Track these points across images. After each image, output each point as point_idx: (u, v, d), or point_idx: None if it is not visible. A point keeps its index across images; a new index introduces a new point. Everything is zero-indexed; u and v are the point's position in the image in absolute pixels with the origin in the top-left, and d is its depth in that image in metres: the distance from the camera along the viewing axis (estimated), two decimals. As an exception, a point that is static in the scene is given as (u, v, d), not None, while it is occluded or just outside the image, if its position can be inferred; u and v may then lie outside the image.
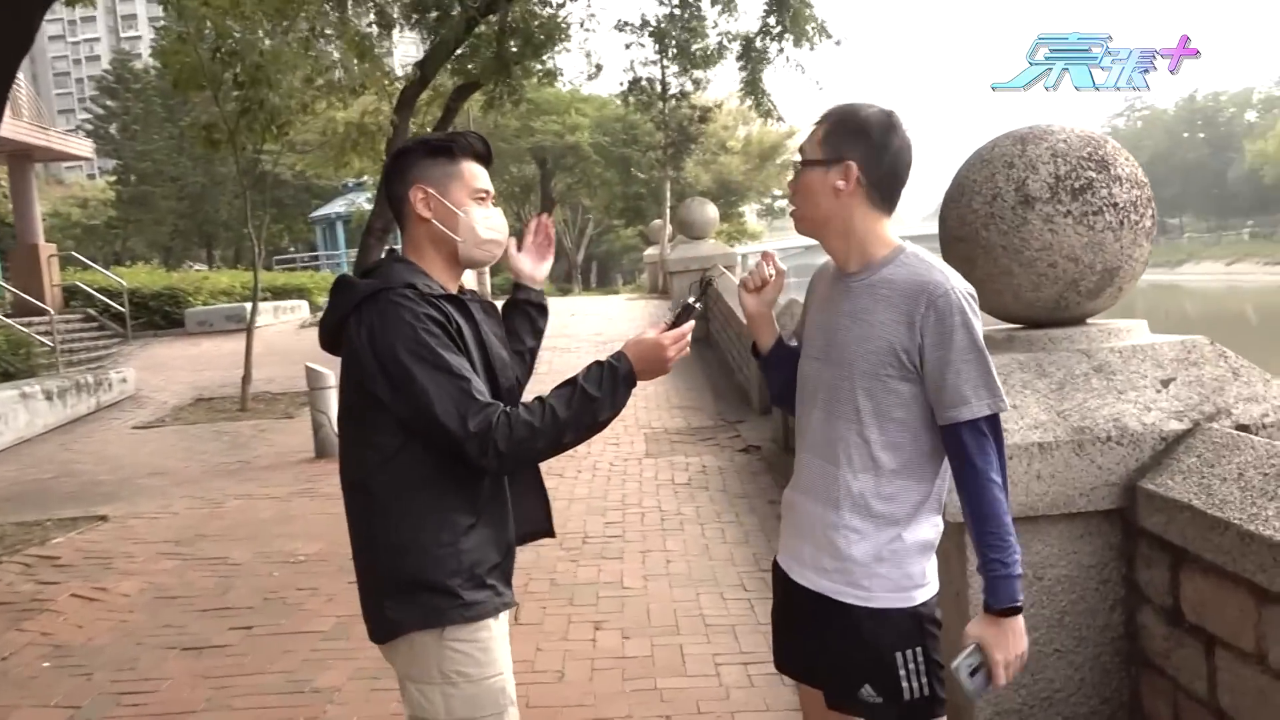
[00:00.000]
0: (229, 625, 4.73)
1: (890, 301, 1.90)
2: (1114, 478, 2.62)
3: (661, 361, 2.01)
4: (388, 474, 1.92)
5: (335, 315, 1.98)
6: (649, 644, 4.28)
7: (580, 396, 1.92)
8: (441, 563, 1.91)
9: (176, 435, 10.78)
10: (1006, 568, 1.85)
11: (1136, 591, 2.67)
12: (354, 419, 1.97)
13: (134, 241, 46.51)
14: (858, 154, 1.92)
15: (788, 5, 14.30)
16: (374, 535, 1.96)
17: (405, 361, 1.84)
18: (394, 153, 2.13)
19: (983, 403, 1.85)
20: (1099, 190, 2.80)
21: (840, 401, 1.97)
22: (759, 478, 7.32)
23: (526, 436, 1.86)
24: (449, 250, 2.05)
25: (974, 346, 1.85)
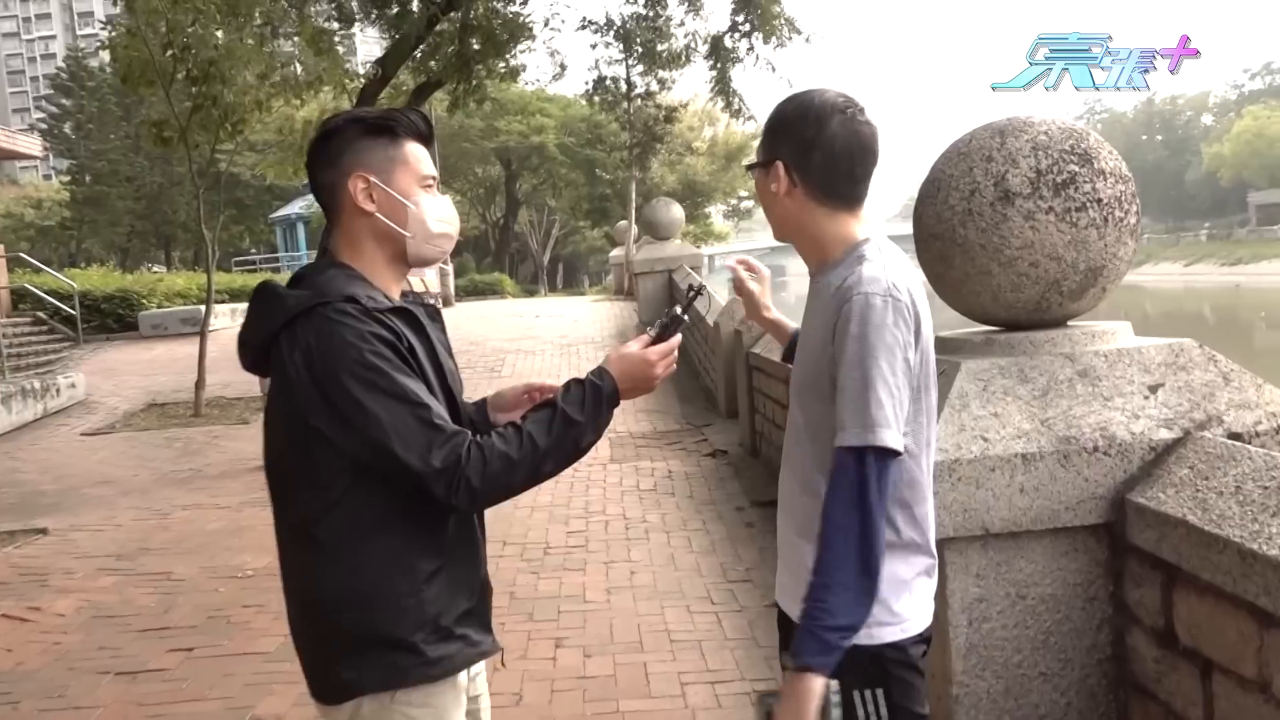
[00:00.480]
0: (168, 647, 4.48)
1: (824, 308, 1.73)
2: (1101, 490, 2.47)
3: (648, 379, 1.79)
4: (336, 518, 1.64)
5: (260, 333, 1.67)
6: (611, 662, 4.09)
7: (561, 421, 1.67)
8: (403, 615, 1.65)
9: (126, 442, 10.43)
10: (812, 620, 1.60)
11: (1125, 611, 2.51)
12: (291, 455, 1.67)
13: (90, 243, 45.67)
14: (785, 151, 1.77)
15: (755, 3, 14.16)
16: (322, 588, 1.66)
17: (352, 389, 1.56)
18: (322, 131, 1.77)
19: (849, 431, 1.61)
20: (1082, 185, 2.64)
21: (792, 415, 1.84)
22: (726, 484, 7.15)
23: (502, 470, 1.61)
24: (395, 248, 1.75)
25: (859, 362, 1.61)
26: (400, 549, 1.66)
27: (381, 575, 1.65)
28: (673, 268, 14.55)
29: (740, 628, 4.37)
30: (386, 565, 1.65)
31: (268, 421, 1.72)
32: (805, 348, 1.81)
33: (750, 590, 4.85)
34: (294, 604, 1.74)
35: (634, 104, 21.63)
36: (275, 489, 1.74)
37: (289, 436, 1.65)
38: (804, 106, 1.76)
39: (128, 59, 11.08)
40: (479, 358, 13.52)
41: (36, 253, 36.68)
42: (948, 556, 2.50)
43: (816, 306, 1.79)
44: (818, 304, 1.78)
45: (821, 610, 1.59)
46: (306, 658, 1.74)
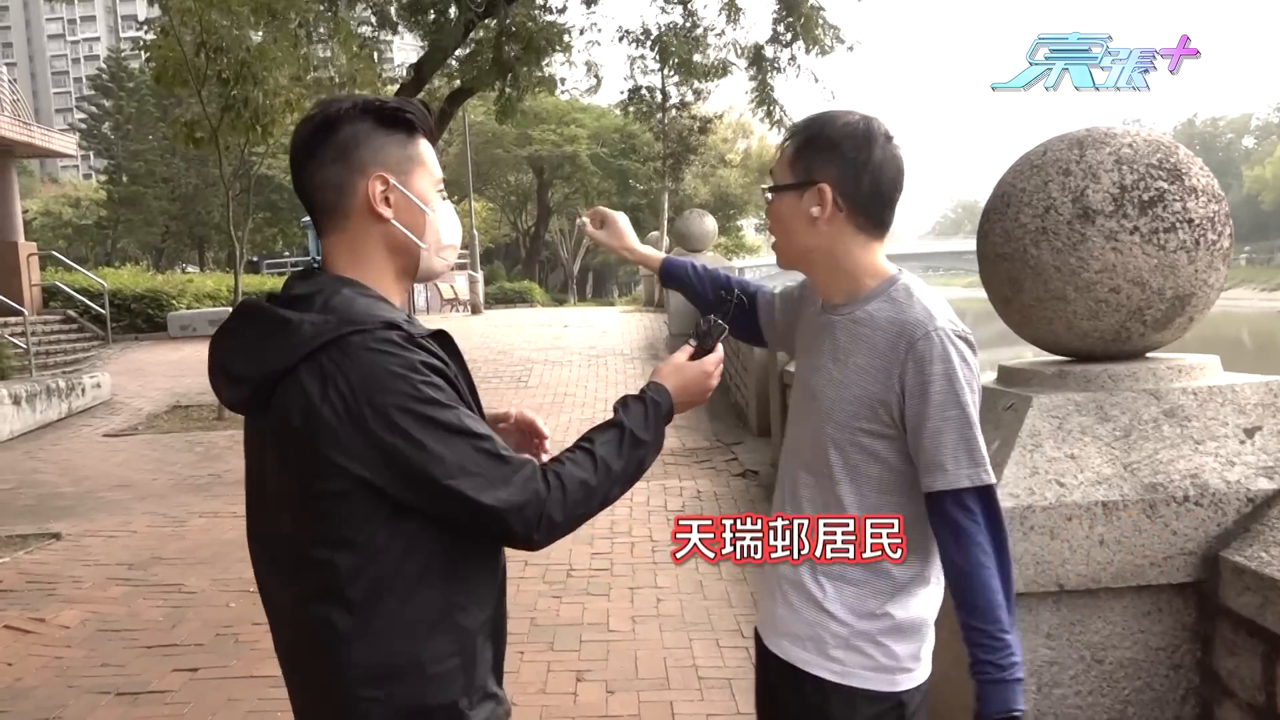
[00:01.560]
0: (173, 666, 4.28)
1: (871, 344, 1.62)
2: (1192, 545, 2.21)
3: (704, 392, 1.68)
4: (372, 575, 1.38)
5: (263, 366, 1.38)
6: (635, 700, 3.85)
7: (630, 442, 1.53)
8: (448, 679, 1.43)
9: (147, 445, 10.32)
10: (1002, 670, 1.54)
11: (1215, 681, 2.24)
12: (310, 514, 1.38)
13: (125, 242, 46.10)
14: (832, 174, 1.63)
15: (798, 11, 13.89)
16: (353, 659, 1.39)
17: (410, 429, 1.33)
18: (321, 118, 1.49)
19: (961, 472, 1.56)
20: (1171, 204, 2.39)
21: (811, 453, 1.70)
22: (758, 506, 6.89)
23: (582, 498, 1.46)
24: (407, 261, 1.53)
25: (955, 401, 1.57)
26: (443, 604, 1.43)
27: (424, 635, 1.42)
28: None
29: (772, 666, 4.11)
30: (429, 623, 1.42)
31: (262, 480, 1.44)
32: (838, 384, 1.67)
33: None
34: (311, 686, 1.46)
35: (668, 114, 21.45)
36: (279, 558, 1.45)
37: (314, 492, 1.36)
38: (851, 127, 1.65)
39: (162, 58, 11.02)
40: (505, 367, 13.35)
41: (73, 251, 37.14)
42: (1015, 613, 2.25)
43: (848, 342, 1.68)
44: (850, 339, 1.67)
45: (1008, 661, 1.54)
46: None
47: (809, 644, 1.68)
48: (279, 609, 1.49)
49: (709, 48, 16.29)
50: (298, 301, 1.43)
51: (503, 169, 41.34)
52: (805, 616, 1.68)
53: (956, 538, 1.57)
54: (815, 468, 1.70)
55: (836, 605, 1.66)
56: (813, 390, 1.72)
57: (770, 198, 1.73)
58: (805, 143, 1.67)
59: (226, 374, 1.45)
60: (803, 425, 1.75)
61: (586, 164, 37.99)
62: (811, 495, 1.70)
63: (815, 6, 14.06)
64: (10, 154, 18.12)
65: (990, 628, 1.54)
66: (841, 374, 1.66)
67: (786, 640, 1.72)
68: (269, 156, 17.09)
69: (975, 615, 1.55)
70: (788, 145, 1.71)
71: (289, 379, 1.36)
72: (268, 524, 1.47)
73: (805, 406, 1.75)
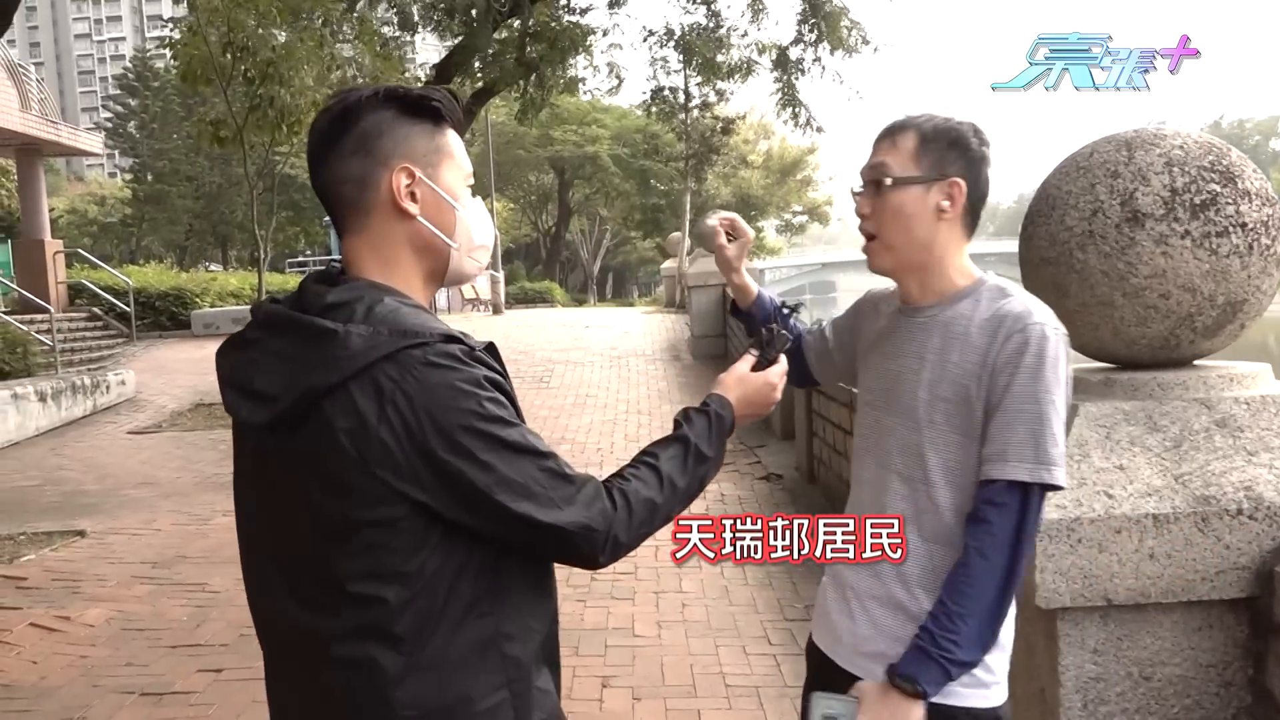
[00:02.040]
0: (197, 666, 4.27)
1: (966, 340, 1.59)
2: (1245, 560, 2.14)
3: (768, 404, 1.62)
4: (417, 609, 1.27)
5: (299, 384, 1.24)
6: (662, 708, 3.80)
7: (694, 458, 1.47)
8: (496, 715, 1.33)
9: (172, 442, 10.36)
10: (935, 646, 1.50)
11: (1269, 700, 2.17)
12: (353, 545, 1.26)
13: (149, 240, 46.47)
14: (961, 170, 1.62)
15: (823, 12, 13.83)
16: (396, 703, 1.28)
17: (475, 449, 1.24)
18: (341, 107, 1.36)
19: (1020, 465, 1.51)
20: (1224, 207, 2.32)
21: (902, 457, 1.65)
22: (782, 510, 6.82)
23: (647, 518, 1.39)
24: (436, 262, 1.41)
25: (1034, 395, 1.52)
26: (492, 633, 1.33)
27: (472, 669, 1.32)
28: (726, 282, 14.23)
29: (801, 674, 4.04)
30: (477, 655, 1.32)
31: (291, 507, 1.30)
32: (931, 383, 1.63)
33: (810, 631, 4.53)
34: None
35: (691, 115, 21.41)
36: (307, 592, 1.31)
37: (359, 520, 1.25)
38: (964, 125, 1.65)
39: (187, 57, 11.07)
40: (527, 368, 13.33)
41: (98, 248, 37.44)
42: (1061, 628, 2.20)
43: (940, 341, 1.64)
44: (943, 338, 1.63)
45: (951, 641, 1.50)
46: None
47: (903, 630, 1.61)
48: (300, 649, 1.34)
49: (732, 48, 16.26)
50: (334, 310, 1.28)
51: (524, 169, 41.41)
52: (896, 633, 1.62)
53: (981, 524, 1.53)
54: (909, 473, 1.64)
55: None
56: (899, 394, 1.67)
57: (886, 189, 1.64)
58: (929, 136, 1.64)
59: (247, 390, 1.30)
60: (890, 432, 1.69)
61: (608, 164, 37.98)
62: (902, 505, 1.65)
63: (840, 7, 13.99)
64: (37, 152, 18.29)
65: (953, 607, 1.51)
66: (936, 373, 1.62)
67: (869, 660, 1.64)
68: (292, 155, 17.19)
69: (950, 592, 1.53)
70: (901, 138, 1.66)
71: (336, 397, 1.23)
72: (294, 555, 1.33)
73: (892, 411, 1.69)
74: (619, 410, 10.54)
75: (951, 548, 1.59)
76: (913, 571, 1.62)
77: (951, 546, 1.59)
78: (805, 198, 46.91)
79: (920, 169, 1.63)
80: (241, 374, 1.32)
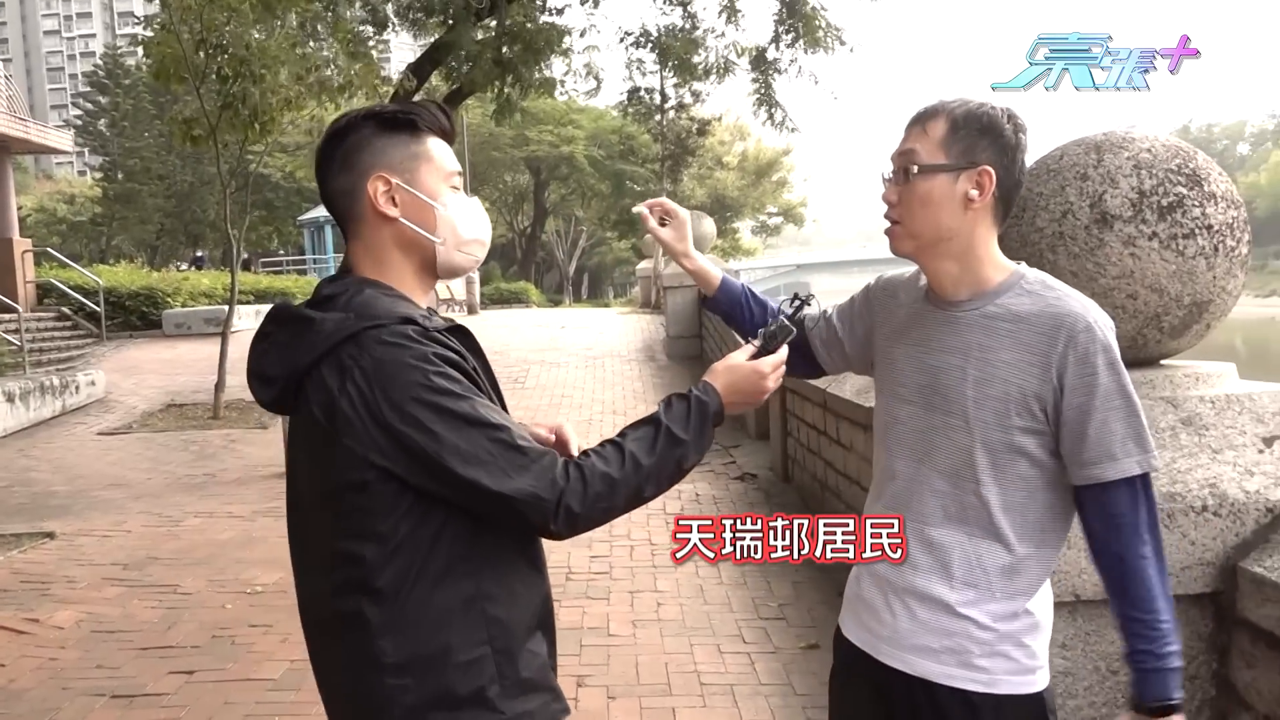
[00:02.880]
0: (169, 669, 4.23)
1: (1016, 338, 1.55)
2: (1209, 556, 2.18)
3: (759, 393, 1.63)
4: (399, 564, 1.41)
5: (289, 364, 1.44)
6: (637, 706, 3.81)
7: (665, 439, 1.49)
8: (476, 669, 1.44)
9: (142, 443, 10.25)
10: (1159, 659, 1.53)
11: (1231, 693, 2.22)
12: (338, 505, 1.42)
13: (120, 239, 45.92)
14: (993, 158, 1.58)
15: (799, 13, 13.89)
16: (377, 652, 1.43)
17: (423, 418, 1.37)
18: (332, 130, 1.55)
19: (1132, 459, 1.54)
20: (1190, 210, 2.36)
21: (949, 455, 1.62)
22: (757, 509, 6.86)
23: (604, 491, 1.43)
24: (423, 257, 1.56)
25: (1122, 391, 1.55)
26: (472, 593, 1.45)
27: (452, 624, 1.44)
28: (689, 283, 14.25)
29: (775, 672, 4.08)
30: (458, 612, 1.45)
31: (299, 472, 1.49)
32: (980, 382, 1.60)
33: (784, 629, 4.56)
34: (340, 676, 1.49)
35: (667, 116, 21.43)
36: (312, 553, 1.49)
37: (339, 484, 1.41)
38: (999, 112, 1.61)
39: (160, 55, 10.96)
40: (503, 368, 13.29)
41: (67, 247, 36.97)
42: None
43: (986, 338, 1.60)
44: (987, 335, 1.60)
45: (1167, 647, 1.53)
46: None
47: (946, 655, 1.62)
48: (310, 604, 1.51)
49: (709, 49, 16.29)
50: (324, 303, 1.49)
51: (499, 170, 41.29)
52: (940, 626, 1.62)
53: (1119, 527, 1.55)
54: (954, 471, 1.62)
55: (977, 611, 1.61)
56: (943, 391, 1.64)
57: (913, 177, 1.62)
58: (960, 123, 1.60)
59: (259, 375, 1.50)
60: (934, 429, 1.66)
61: (583, 165, 37.95)
62: (945, 502, 1.63)
63: (816, 8, 14.06)
64: (5, 150, 18.03)
65: (1148, 616, 1.52)
66: (983, 371, 1.59)
67: (913, 654, 1.65)
68: (267, 155, 17.05)
69: (1134, 605, 1.54)
70: (931, 124, 1.62)
71: (313, 375, 1.41)
72: (302, 520, 1.51)
73: (935, 408, 1.66)
74: (595, 410, 10.54)
75: (998, 543, 1.60)
76: (958, 568, 1.62)
77: (998, 541, 1.60)
78: (780, 199, 47.08)
79: (949, 156, 1.59)
80: (257, 362, 1.51)
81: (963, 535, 1.61)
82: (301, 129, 14.64)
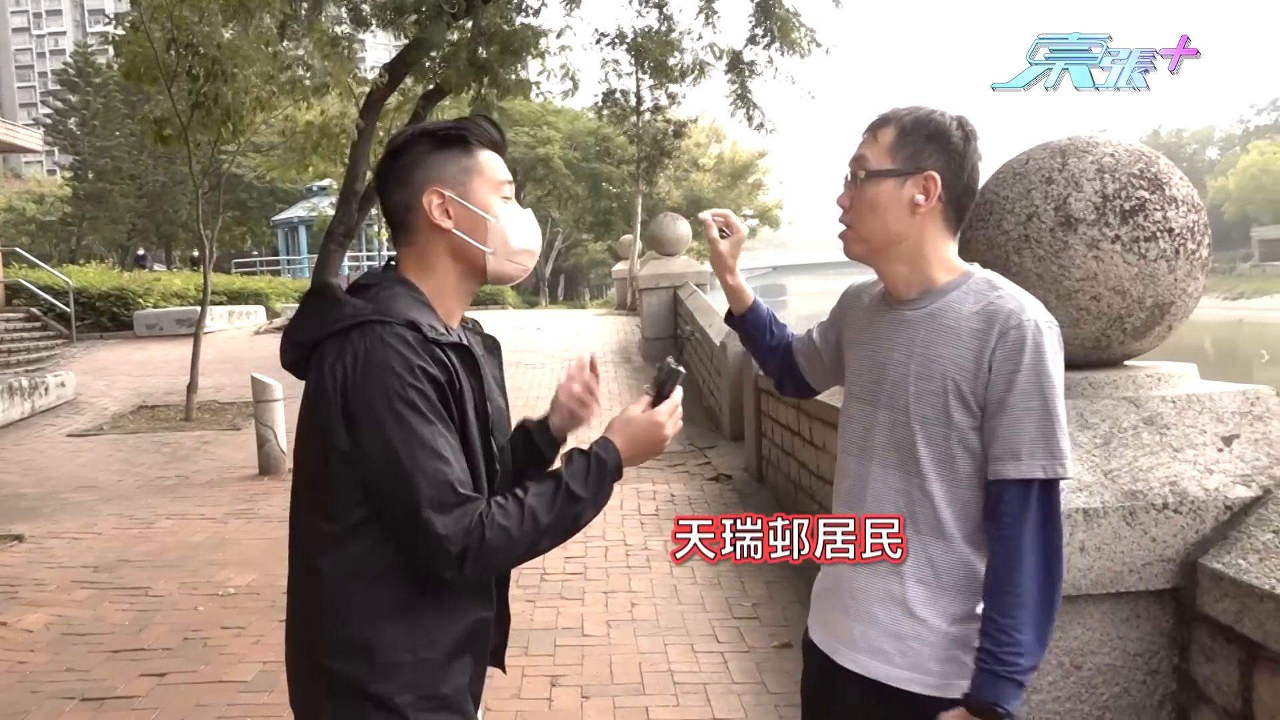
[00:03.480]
0: (140, 671, 4.20)
1: (955, 333, 1.59)
2: (1170, 552, 2.23)
3: (658, 442, 1.66)
4: (343, 553, 1.50)
5: (309, 333, 1.55)
6: (610, 705, 3.82)
7: (564, 496, 1.54)
8: (391, 673, 1.50)
9: (113, 445, 10.16)
10: (1000, 664, 1.52)
11: (1192, 687, 2.26)
12: (309, 478, 1.55)
13: (90, 240, 45.40)
14: (939, 163, 1.61)
15: (775, 15, 13.95)
16: (316, 629, 1.54)
17: (382, 419, 1.45)
18: (389, 149, 1.65)
19: (1035, 462, 1.54)
20: (1152, 213, 2.41)
21: (895, 450, 1.65)
22: (731, 510, 6.89)
23: (501, 546, 1.47)
24: (471, 265, 1.64)
25: (1039, 391, 1.54)
26: (402, 600, 1.51)
27: (380, 623, 1.51)
28: (678, 284, 14.29)
29: (748, 670, 4.11)
30: (387, 614, 1.51)
31: (299, 425, 1.58)
32: (921, 376, 1.63)
33: (757, 629, 4.59)
34: (294, 636, 1.61)
35: (643, 118, 21.44)
36: (294, 513, 1.60)
37: (312, 454, 1.54)
38: (951, 120, 1.65)
39: (131, 54, 10.87)
40: (478, 369, 13.25)
41: (36, 247, 36.47)
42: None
43: (928, 334, 1.64)
44: (930, 331, 1.64)
45: (1015, 654, 1.52)
46: (295, 697, 1.61)
47: (899, 658, 1.64)
48: (289, 562, 1.61)
49: (684, 51, 16.32)
50: (357, 290, 1.59)
51: (475, 170, 41.14)
52: (894, 629, 1.64)
53: (1007, 527, 1.55)
54: (901, 467, 1.65)
55: (930, 612, 1.62)
56: (888, 388, 1.67)
57: (861, 182, 1.66)
58: (909, 129, 1.64)
59: (290, 337, 1.59)
60: (880, 426, 1.68)
61: (559, 167, 37.93)
62: (895, 499, 1.65)
63: (792, 10, 14.12)
64: (-27, 148, 17.83)
65: (1004, 621, 1.52)
66: (924, 366, 1.62)
67: (869, 656, 1.67)
68: (239, 155, 16.92)
69: (995, 606, 1.54)
70: (882, 131, 1.66)
71: (321, 347, 1.51)
72: (296, 472, 1.60)
73: (880, 405, 1.69)
74: (570, 412, 10.54)
75: (945, 541, 1.61)
76: (908, 566, 1.63)
77: (945, 540, 1.61)
78: (756, 201, 47.21)
79: (895, 162, 1.63)
80: (292, 326, 1.59)
81: (913, 533, 1.63)
82: (275, 129, 14.53)
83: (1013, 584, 1.53)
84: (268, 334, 18.15)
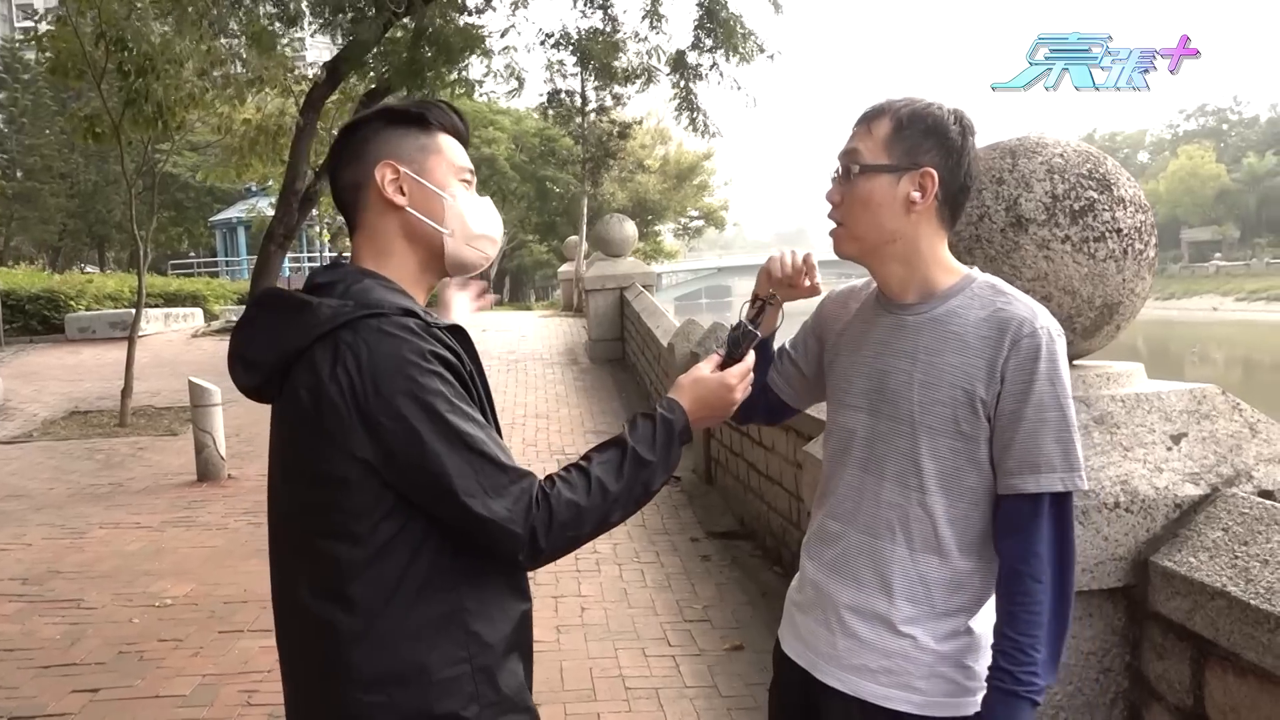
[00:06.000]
0: (71, 687, 4.05)
1: (963, 340, 1.53)
2: (1122, 551, 2.23)
3: (727, 406, 1.58)
4: (377, 572, 1.35)
5: (279, 348, 1.39)
6: (562, 712, 3.77)
7: (632, 463, 1.45)
8: (454, 687, 1.38)
9: (44, 453, 9.84)
10: (1017, 683, 1.47)
11: (1144, 685, 2.27)
12: (320, 500, 1.37)
13: (19, 240, 44.07)
14: (936, 159, 1.54)
15: (719, 19, 13.99)
16: (350, 664, 1.36)
17: (409, 415, 1.31)
18: (345, 126, 1.55)
19: (1054, 475, 1.48)
20: (1101, 213, 2.42)
21: (894, 462, 1.58)
22: (680, 512, 6.87)
23: (571, 520, 1.38)
24: (428, 250, 1.51)
25: (1057, 403, 1.49)
26: (451, 607, 1.39)
27: (430, 640, 1.38)
28: (625, 285, 14.26)
29: (700, 674, 4.08)
30: (436, 627, 1.38)
31: (281, 461, 1.44)
32: (926, 385, 1.56)
33: (709, 632, 4.57)
34: (310, 684, 1.43)
35: (588, 119, 21.40)
36: (293, 546, 1.44)
37: (319, 475, 1.36)
38: (949, 113, 1.57)
39: (58, 49, 10.54)
40: (423, 372, 13.08)
41: (-39, 249, 35.29)
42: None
43: (933, 341, 1.57)
44: (935, 338, 1.57)
45: (1030, 674, 1.47)
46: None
47: (884, 676, 1.58)
48: (286, 599, 1.45)
49: (630, 53, 16.32)
50: (320, 289, 1.44)
51: (418, 171, 40.72)
52: (880, 645, 1.58)
53: (1024, 543, 1.49)
54: (901, 480, 1.58)
55: (917, 629, 1.56)
56: (889, 396, 1.60)
57: (854, 177, 1.58)
58: (905, 123, 1.56)
59: (242, 359, 1.45)
60: (880, 436, 1.61)
61: (505, 168, 37.68)
62: (889, 513, 1.59)
63: (735, 16, 14.17)
64: (-107, 146, 17.19)
65: (1021, 639, 1.47)
66: (929, 375, 1.55)
67: (851, 673, 1.61)
68: (174, 154, 16.53)
69: (1011, 623, 1.48)
70: (876, 124, 1.58)
71: (302, 359, 1.36)
72: (281, 514, 1.46)
73: (881, 414, 1.61)
74: (517, 414, 10.45)
75: (940, 557, 1.55)
76: (898, 583, 1.58)
77: (940, 555, 1.55)
78: (701, 202, 47.37)
79: (891, 157, 1.56)
80: (241, 345, 1.46)
81: (906, 550, 1.57)
82: (211, 126, 14.18)
83: (1030, 602, 1.48)
84: (206, 337, 17.75)
